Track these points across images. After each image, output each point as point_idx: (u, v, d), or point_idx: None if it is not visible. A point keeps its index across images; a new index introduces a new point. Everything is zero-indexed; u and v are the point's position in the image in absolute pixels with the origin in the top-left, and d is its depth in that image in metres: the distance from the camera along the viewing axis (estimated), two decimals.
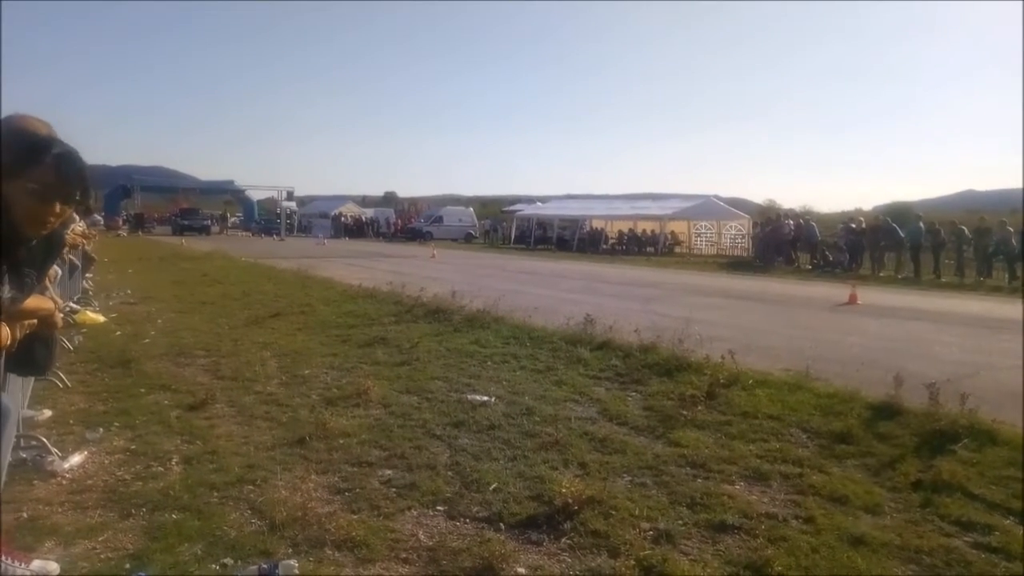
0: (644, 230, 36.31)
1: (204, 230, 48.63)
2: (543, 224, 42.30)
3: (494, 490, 3.86)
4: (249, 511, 3.52)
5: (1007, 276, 19.93)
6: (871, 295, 15.17)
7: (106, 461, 4.21)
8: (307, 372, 6.54)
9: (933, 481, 4.05)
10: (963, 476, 4.10)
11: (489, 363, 7.03)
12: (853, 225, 24.33)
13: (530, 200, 63.12)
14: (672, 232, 35.75)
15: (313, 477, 3.97)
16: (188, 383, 6.05)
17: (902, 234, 22.15)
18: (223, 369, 6.63)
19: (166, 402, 5.46)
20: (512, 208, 53.77)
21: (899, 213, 32.36)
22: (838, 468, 4.35)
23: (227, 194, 69.04)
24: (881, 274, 22.05)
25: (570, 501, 3.58)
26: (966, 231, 20.95)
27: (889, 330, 10.57)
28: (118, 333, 8.44)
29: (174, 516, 3.44)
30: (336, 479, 4.00)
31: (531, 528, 3.45)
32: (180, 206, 74.42)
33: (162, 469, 4.08)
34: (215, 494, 3.72)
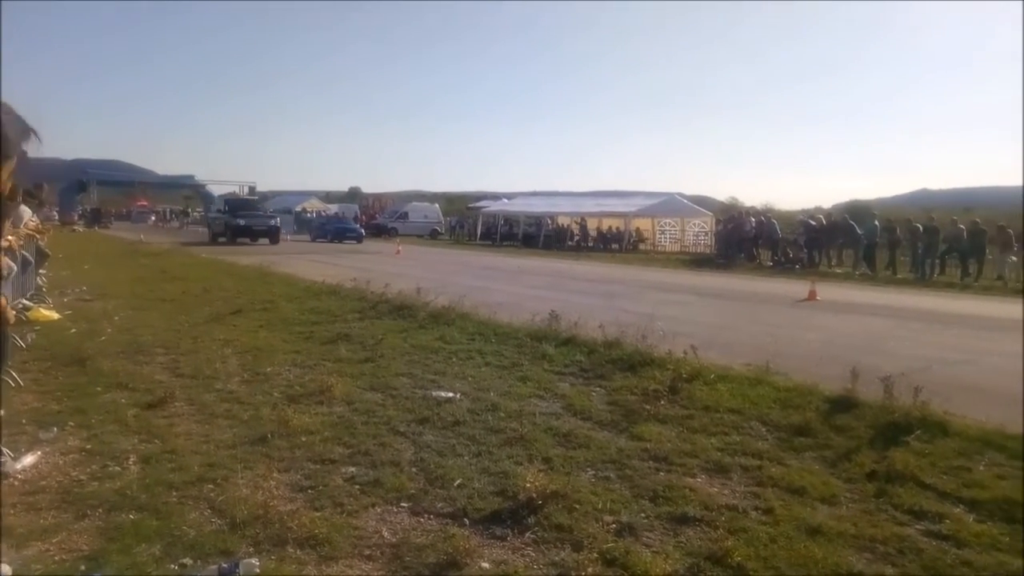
0: (610, 227, 36.51)
1: (271, 235, 30.13)
2: (509, 220, 42.29)
3: (459, 486, 3.87)
4: (209, 510, 3.48)
5: (959, 273, 20.48)
6: (830, 291, 15.48)
7: (60, 461, 4.11)
8: (269, 369, 6.46)
9: (887, 472, 4.17)
10: (915, 466, 4.22)
11: (454, 359, 7.02)
12: (812, 223, 24.75)
13: (496, 197, 63.01)
14: (637, 229, 36.01)
15: (275, 475, 3.92)
16: (146, 381, 5.93)
17: (859, 232, 22.62)
18: (183, 367, 6.52)
19: (123, 401, 5.35)
20: (478, 204, 53.64)
21: (857, 211, 33.04)
22: (796, 460, 4.44)
23: (187, 189, 67.71)
24: (839, 271, 22.49)
25: (534, 496, 3.60)
26: (920, 229, 21.46)
27: (846, 325, 10.81)
28: (73, 330, 8.24)
29: (131, 516, 3.38)
30: (298, 477, 3.96)
31: (495, 523, 3.46)
32: (138, 201, 72.91)
33: (119, 469, 4.00)
34: (174, 493, 3.66)
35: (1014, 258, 20.11)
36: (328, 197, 77.07)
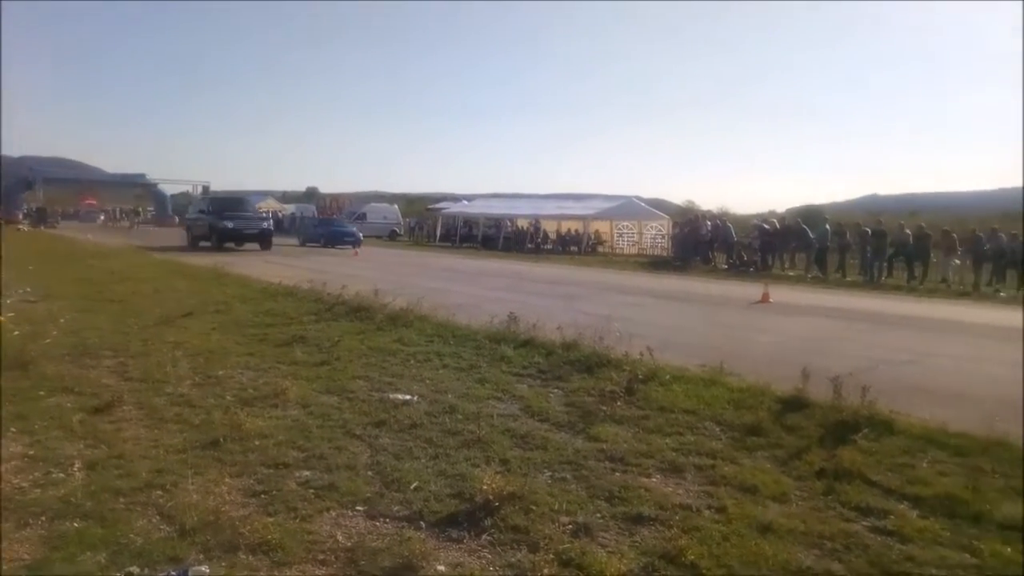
0: (569, 229, 36.75)
1: (262, 239, 26.80)
2: (468, 222, 42.24)
3: (415, 489, 3.84)
4: (158, 517, 3.40)
5: (906, 276, 21.12)
6: (782, 294, 15.81)
7: (1, 468, 3.97)
8: (222, 372, 6.34)
9: (836, 469, 4.27)
10: (863, 464, 4.34)
11: (412, 362, 6.98)
12: (766, 226, 25.27)
13: (455, 198, 62.87)
14: (596, 231, 36.30)
15: (227, 480, 3.85)
16: (93, 385, 5.77)
17: (811, 236, 23.15)
18: (131, 370, 6.36)
19: (68, 405, 5.19)
20: (437, 206, 53.46)
21: (809, 216, 33.85)
22: (749, 459, 4.52)
23: (138, 188, 66.14)
24: (791, 273, 22.99)
25: (491, 498, 3.60)
26: (869, 233, 22.06)
27: (798, 327, 11.05)
28: (16, 333, 7.95)
29: (76, 524, 3.28)
30: (251, 481, 3.90)
31: (452, 526, 3.45)
32: (86, 199, 70.91)
33: (63, 475, 3.89)
34: (121, 500, 3.57)
35: (957, 261, 20.83)
36: (285, 197, 76.04)
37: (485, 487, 3.66)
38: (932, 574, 3.15)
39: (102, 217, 64.61)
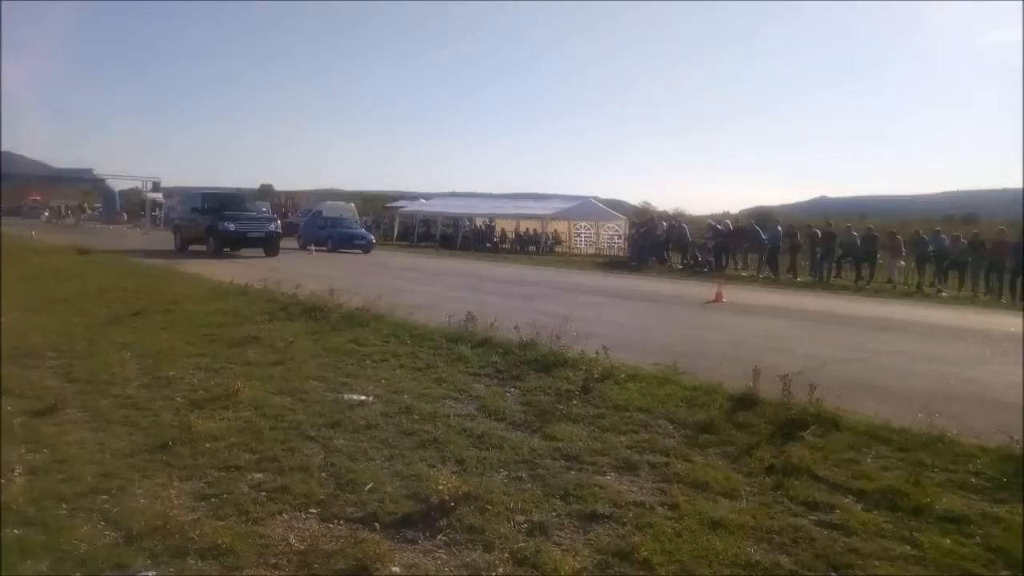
0: (527, 229, 36.87)
1: (268, 243, 22.70)
2: (427, 221, 42.05)
3: (370, 490, 3.82)
4: (103, 523, 3.31)
5: (854, 276, 21.71)
6: (735, 293, 16.10)
7: None
8: (171, 373, 6.20)
9: (784, 466, 4.37)
10: (810, 460, 4.45)
11: (368, 362, 6.92)
12: (720, 227, 25.73)
13: (414, 197, 62.45)
14: (554, 231, 36.49)
15: (176, 484, 3.78)
16: (35, 387, 5.59)
17: (764, 237, 23.64)
18: (76, 371, 6.18)
19: (9, 408, 5.01)
20: (395, 205, 53.07)
21: (761, 217, 34.60)
22: (701, 456, 4.60)
23: (86, 183, 64.26)
24: (744, 274, 23.44)
25: (447, 498, 3.60)
26: (819, 234, 22.63)
27: (750, 326, 11.26)
28: None
29: (16, 531, 3.18)
30: (201, 485, 3.83)
31: (407, 527, 3.44)
32: (31, 196, 68.66)
33: (3, 481, 3.75)
34: (64, 506, 3.47)
35: (902, 263, 21.50)
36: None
37: (441, 487, 3.66)
38: (875, 566, 3.25)
39: (46, 213, 62.46)
